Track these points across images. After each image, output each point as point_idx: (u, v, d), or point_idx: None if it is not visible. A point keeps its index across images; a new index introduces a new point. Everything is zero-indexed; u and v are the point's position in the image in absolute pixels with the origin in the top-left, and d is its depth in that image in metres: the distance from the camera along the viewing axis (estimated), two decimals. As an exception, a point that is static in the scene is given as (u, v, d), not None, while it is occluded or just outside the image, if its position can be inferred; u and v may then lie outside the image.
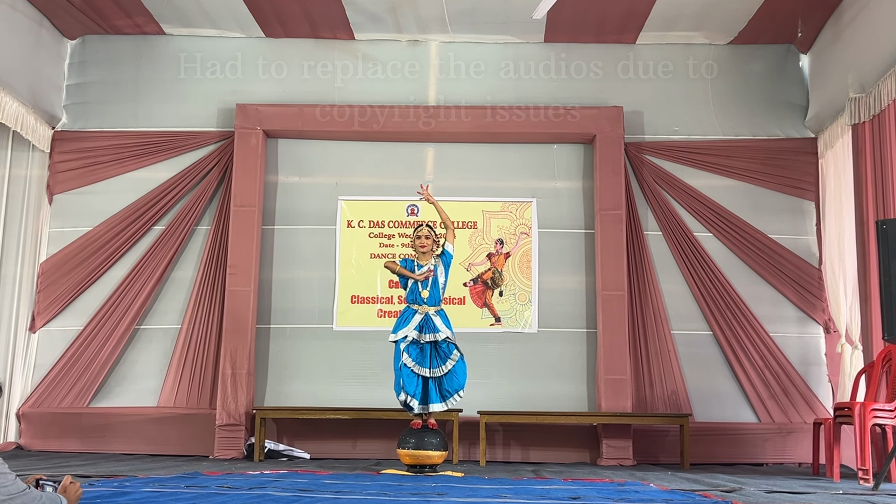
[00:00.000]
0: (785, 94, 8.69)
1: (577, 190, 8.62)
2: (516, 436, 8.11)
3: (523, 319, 8.42)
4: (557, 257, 8.51)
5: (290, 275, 8.53)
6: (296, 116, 8.59)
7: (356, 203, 8.63)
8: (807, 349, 8.27)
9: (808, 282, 8.31)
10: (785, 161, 8.54)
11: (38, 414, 8.18)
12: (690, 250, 8.40)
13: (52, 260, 8.53)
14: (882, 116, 6.98)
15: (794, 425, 7.97)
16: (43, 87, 8.46)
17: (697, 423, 7.98)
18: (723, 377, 8.25)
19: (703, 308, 8.32)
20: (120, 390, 8.32)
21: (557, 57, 8.78)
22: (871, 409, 5.88)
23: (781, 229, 8.44)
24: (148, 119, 8.76)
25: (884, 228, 5.29)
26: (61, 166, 8.68)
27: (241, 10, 8.29)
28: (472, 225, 8.56)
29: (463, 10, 8.22)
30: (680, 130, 8.67)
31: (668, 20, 8.34)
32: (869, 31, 7.27)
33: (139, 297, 8.39)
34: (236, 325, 8.18)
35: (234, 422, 7.97)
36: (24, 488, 2.96)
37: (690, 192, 8.50)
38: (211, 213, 8.61)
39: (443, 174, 8.69)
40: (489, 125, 8.54)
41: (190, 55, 8.85)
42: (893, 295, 5.18)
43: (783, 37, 8.58)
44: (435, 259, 6.49)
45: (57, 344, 8.40)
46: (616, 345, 8.10)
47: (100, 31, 8.80)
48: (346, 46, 8.82)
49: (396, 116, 8.58)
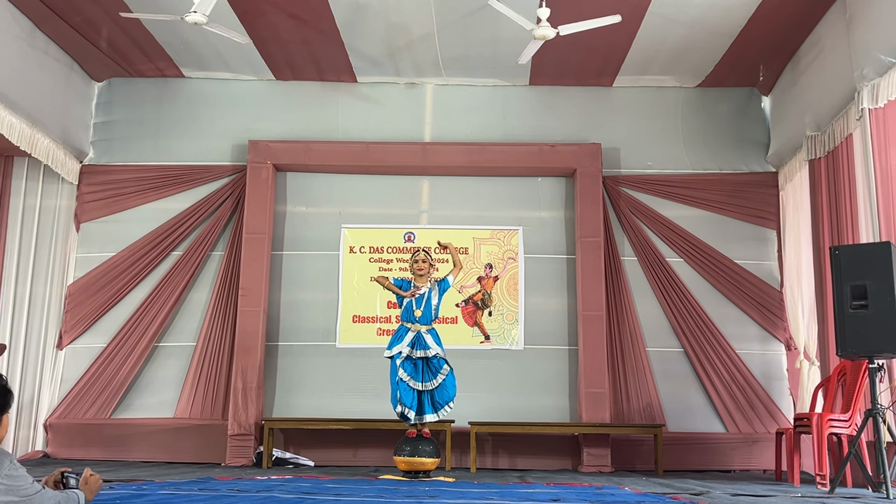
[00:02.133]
0: (748, 133, 8.77)
1: (560, 219, 8.68)
2: (504, 445, 8.11)
3: (511, 337, 8.45)
4: (542, 280, 8.55)
5: (297, 296, 8.56)
6: (303, 152, 8.66)
7: (358, 230, 8.68)
8: (770, 365, 8.30)
9: (771, 303, 8.35)
10: (748, 193, 8.61)
11: (64, 424, 8.17)
12: (663, 274, 8.45)
13: (79, 283, 8.55)
14: (836, 152, 7.06)
15: (759, 435, 7.98)
16: (72, 124, 8.53)
17: (670, 433, 7.99)
18: (693, 391, 8.26)
19: (675, 327, 8.35)
20: (140, 403, 8.31)
21: (541, 98, 8.87)
22: (827, 419, 5.92)
23: (746, 255, 8.49)
24: (168, 154, 8.82)
25: (837, 254, 5.35)
26: (88, 197, 8.72)
27: (253, 55, 8.37)
28: (464, 251, 8.60)
29: (456, 55, 8.31)
30: (653, 165, 8.74)
31: (642, 65, 8.44)
32: (823, 76, 7.36)
33: (158, 316, 8.40)
34: (247, 343, 8.20)
35: (244, 432, 7.96)
36: (39, 489, 2.98)
37: (663, 222, 8.56)
38: (225, 239, 8.65)
39: (437, 204, 8.76)
40: (479, 160, 8.62)
41: (207, 96, 8.93)
42: (846, 314, 5.23)
43: (746, 80, 8.68)
44: (432, 283, 6.55)
45: (82, 360, 8.39)
46: (596, 361, 8.13)
47: (125, 74, 8.87)
48: (350, 88, 8.91)
49: (395, 152, 8.66)
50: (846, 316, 5.22)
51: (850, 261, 5.28)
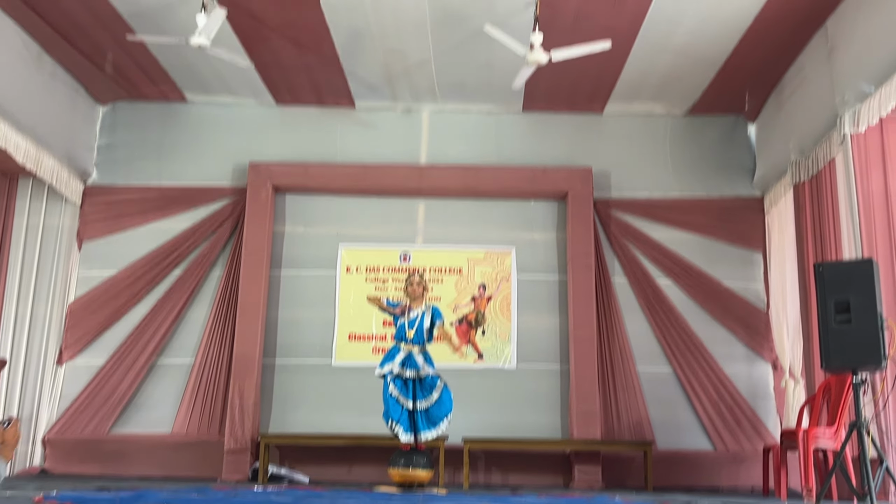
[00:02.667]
0: (735, 158, 8.86)
1: (552, 241, 8.73)
2: (497, 461, 8.08)
3: (504, 356, 8.46)
4: (534, 300, 8.58)
5: (294, 314, 8.57)
6: (302, 174, 8.72)
7: (355, 251, 8.71)
8: (757, 384, 8.31)
9: (757, 324, 8.38)
10: (735, 217, 8.68)
11: (62, 440, 8.12)
12: (652, 295, 8.48)
13: (80, 301, 8.53)
14: (819, 177, 7.15)
15: (746, 453, 7.98)
16: (76, 146, 8.57)
17: (660, 451, 7.98)
18: (682, 409, 8.26)
19: (665, 347, 8.37)
20: (138, 419, 8.26)
21: (534, 124, 8.96)
22: (813, 434, 5.94)
23: (732, 277, 8.53)
24: (170, 175, 8.85)
25: (820, 271, 5.40)
26: (90, 216, 8.73)
27: (255, 79, 8.44)
28: (458, 271, 8.64)
29: (452, 81, 8.40)
30: (642, 189, 8.82)
31: (631, 93, 8.54)
32: (807, 103, 7.46)
33: (157, 334, 8.39)
34: (245, 360, 8.19)
35: (240, 447, 7.92)
36: None
37: (651, 244, 8.61)
38: (224, 258, 8.66)
39: (432, 226, 8.80)
40: (474, 183, 8.69)
41: (208, 119, 8.99)
42: (830, 329, 5.27)
43: (733, 108, 8.78)
44: (426, 307, 6.63)
45: (82, 376, 8.35)
46: (587, 379, 8.13)
47: (129, 97, 8.93)
48: (348, 113, 8.99)
49: (391, 175, 8.73)
50: (830, 331, 5.26)
51: (833, 277, 5.33)
